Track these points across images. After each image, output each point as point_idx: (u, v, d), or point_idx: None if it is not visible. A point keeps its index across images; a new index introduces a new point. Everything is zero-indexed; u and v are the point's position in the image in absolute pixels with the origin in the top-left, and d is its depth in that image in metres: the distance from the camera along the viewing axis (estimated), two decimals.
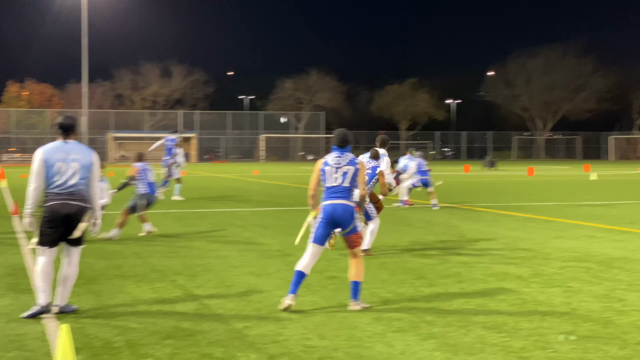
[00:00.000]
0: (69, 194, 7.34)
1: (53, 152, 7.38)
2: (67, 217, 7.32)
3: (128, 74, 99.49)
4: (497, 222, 16.09)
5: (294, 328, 6.81)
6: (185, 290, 8.58)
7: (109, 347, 6.17)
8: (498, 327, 6.82)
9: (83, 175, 7.42)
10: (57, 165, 7.32)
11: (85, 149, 7.56)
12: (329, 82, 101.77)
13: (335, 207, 7.65)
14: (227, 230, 14.46)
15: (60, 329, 5.00)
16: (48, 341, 6.36)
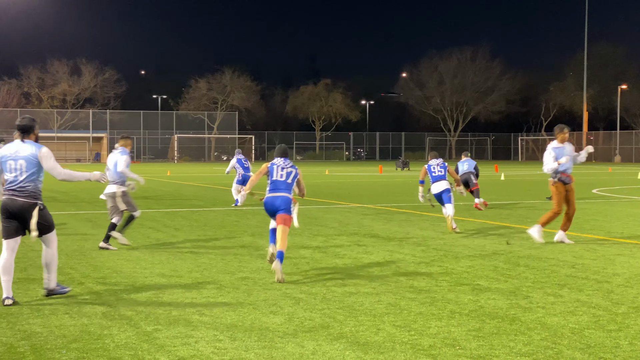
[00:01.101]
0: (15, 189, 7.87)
1: (6, 150, 7.98)
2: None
3: (36, 71, 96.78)
4: (409, 222, 16.33)
5: (205, 330, 6.74)
6: (93, 292, 8.40)
7: (12, 352, 5.98)
8: (408, 326, 6.91)
9: (30, 172, 7.87)
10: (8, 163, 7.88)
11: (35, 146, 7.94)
12: (244, 82, 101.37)
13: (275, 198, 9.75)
14: (138, 231, 14.23)
15: None
16: None
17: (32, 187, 7.90)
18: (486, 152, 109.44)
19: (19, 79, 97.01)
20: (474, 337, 6.53)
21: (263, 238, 13.34)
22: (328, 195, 25.47)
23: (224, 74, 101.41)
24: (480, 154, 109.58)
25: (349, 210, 19.54)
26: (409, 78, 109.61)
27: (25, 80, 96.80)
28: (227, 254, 11.45)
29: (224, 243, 12.71)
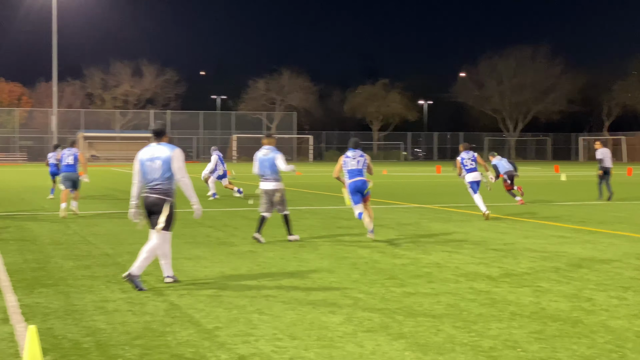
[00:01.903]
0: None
1: (144, 153, 8.86)
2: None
3: (99, 72, 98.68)
4: (468, 223, 16.18)
5: (265, 328, 6.79)
6: (155, 290, 8.53)
7: (77, 348, 6.11)
8: (468, 327, 6.86)
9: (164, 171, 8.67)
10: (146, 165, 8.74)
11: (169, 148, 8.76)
12: (302, 82, 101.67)
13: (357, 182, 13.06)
14: (198, 230, 14.40)
15: (28, 330, 4.95)
16: (16, 342, 6.29)
17: (167, 186, 8.72)
18: (546, 152, 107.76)
19: (83, 80, 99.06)
20: (535, 340, 6.44)
21: (321, 237, 13.37)
22: (386, 196, 25.39)
23: (282, 75, 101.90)
24: (541, 154, 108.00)
25: (407, 210, 19.46)
26: (468, 78, 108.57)
27: (88, 81, 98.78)
28: (285, 253, 11.51)
29: (283, 242, 12.78)
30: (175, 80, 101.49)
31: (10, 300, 7.93)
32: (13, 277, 9.26)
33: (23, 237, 13.32)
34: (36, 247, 12.05)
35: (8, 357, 5.85)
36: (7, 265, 10.23)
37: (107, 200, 22.65)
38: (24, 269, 9.91)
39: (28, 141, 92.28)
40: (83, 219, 16.60)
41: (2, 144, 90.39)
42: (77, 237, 13.35)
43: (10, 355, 5.90)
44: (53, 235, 13.60)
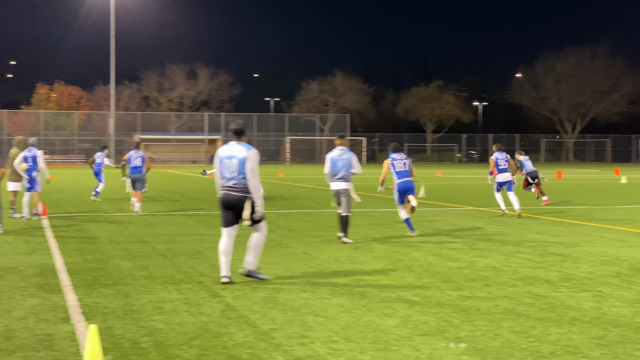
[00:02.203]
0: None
1: (223, 151, 9.20)
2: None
3: (154, 75, 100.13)
4: (525, 226, 15.96)
5: (320, 330, 6.79)
6: (211, 291, 8.59)
7: (136, 348, 6.19)
8: (527, 332, 6.76)
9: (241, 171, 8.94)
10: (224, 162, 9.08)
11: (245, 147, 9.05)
12: (355, 84, 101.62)
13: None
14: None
15: (89, 330, 5.03)
16: (77, 341, 6.40)
17: (243, 184, 8.95)
18: (606, 154, 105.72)
19: (139, 83, 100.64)
20: (596, 345, 6.32)
21: (376, 240, 13.33)
22: (440, 198, 25.22)
23: (335, 76, 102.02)
24: (600, 157, 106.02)
25: (462, 213, 19.29)
26: (524, 78, 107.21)
27: (145, 84, 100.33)
28: (340, 255, 11.50)
29: (337, 245, 12.76)
30: (229, 82, 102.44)
31: (71, 299, 8.07)
32: (73, 277, 9.43)
33: (83, 238, 13.57)
34: (95, 248, 12.26)
35: (69, 356, 5.95)
36: (68, 265, 10.43)
37: (163, 201, 22.94)
38: (84, 269, 10.08)
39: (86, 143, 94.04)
40: (140, 220, 16.84)
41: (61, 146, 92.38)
42: (135, 238, 13.54)
43: (72, 354, 6.00)
44: (111, 236, 13.82)
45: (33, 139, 17.72)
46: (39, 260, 10.84)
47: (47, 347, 6.18)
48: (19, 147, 17.76)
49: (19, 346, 6.21)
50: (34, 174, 17.12)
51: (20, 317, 7.24)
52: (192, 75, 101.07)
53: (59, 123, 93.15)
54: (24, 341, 6.36)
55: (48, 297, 8.22)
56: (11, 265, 10.37)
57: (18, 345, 6.25)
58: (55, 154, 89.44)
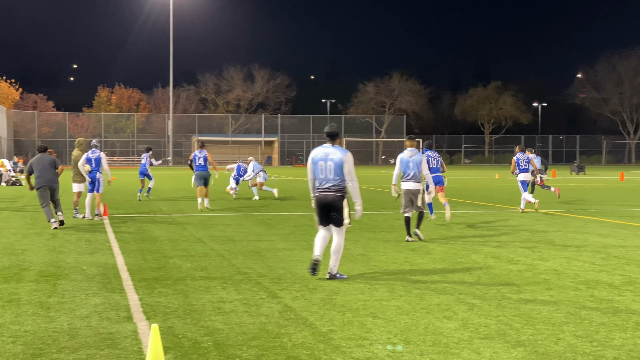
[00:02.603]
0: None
1: (317, 153, 9.55)
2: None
3: (212, 78, 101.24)
4: (587, 229, 15.68)
5: (379, 332, 6.76)
6: (269, 292, 8.64)
7: (197, 347, 6.25)
8: (590, 336, 6.63)
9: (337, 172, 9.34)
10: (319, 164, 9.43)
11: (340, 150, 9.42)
12: (411, 85, 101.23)
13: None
14: (310, 234, 14.51)
15: (151, 329, 5.09)
16: (139, 340, 6.49)
17: (342, 185, 9.37)
18: None
19: (197, 86, 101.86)
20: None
21: (434, 242, 13.24)
22: (499, 200, 24.93)
23: (391, 78, 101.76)
24: None
25: (522, 215, 19.02)
26: (585, 79, 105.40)
27: (202, 86, 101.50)
28: (398, 257, 11.45)
29: (394, 246, 12.72)
30: (286, 84, 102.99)
31: (132, 299, 8.20)
32: (134, 277, 9.58)
33: (143, 238, 13.78)
34: (155, 248, 12.43)
35: (132, 355, 6.04)
36: (129, 264, 10.60)
37: (220, 202, 23.16)
38: (145, 269, 10.23)
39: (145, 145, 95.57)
40: (198, 221, 17.03)
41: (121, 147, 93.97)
42: (194, 239, 13.69)
43: (134, 353, 6.09)
44: (171, 237, 14.00)
45: (96, 141, 18.09)
46: (101, 260, 11.04)
47: (110, 346, 6.29)
48: (80, 149, 18.13)
49: (82, 344, 6.33)
50: (97, 175, 17.47)
51: (84, 315, 7.38)
52: (249, 77, 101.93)
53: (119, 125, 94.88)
54: (88, 339, 6.48)
55: (110, 296, 8.37)
56: (74, 265, 10.58)
57: (82, 343, 6.37)
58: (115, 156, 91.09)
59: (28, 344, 6.33)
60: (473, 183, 39.58)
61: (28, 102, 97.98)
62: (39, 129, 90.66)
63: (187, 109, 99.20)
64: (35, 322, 7.11)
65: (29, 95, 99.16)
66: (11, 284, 9.15)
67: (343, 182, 9.39)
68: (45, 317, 7.30)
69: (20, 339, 6.51)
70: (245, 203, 23.02)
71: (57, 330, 6.80)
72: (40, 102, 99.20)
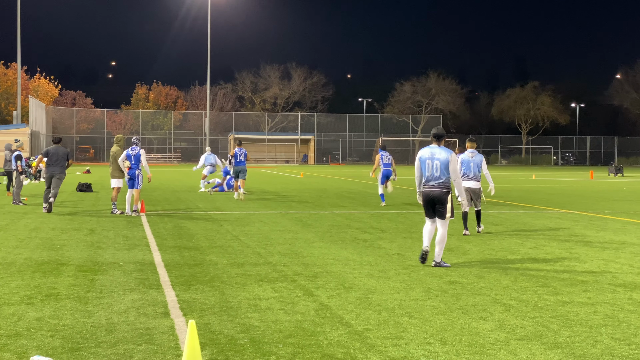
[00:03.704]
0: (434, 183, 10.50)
1: (424, 152, 10.59)
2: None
3: (249, 76, 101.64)
4: (625, 231, 15.49)
5: (415, 332, 6.76)
6: (305, 290, 8.67)
7: (233, 344, 6.30)
8: (628, 339, 6.56)
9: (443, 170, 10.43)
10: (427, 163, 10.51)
11: (445, 150, 10.45)
12: (448, 85, 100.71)
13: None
14: (346, 233, 14.53)
15: (189, 325, 5.15)
16: (176, 335, 6.56)
17: (447, 182, 10.42)
18: None
19: (234, 84, 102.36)
20: None
21: (470, 242, 13.18)
22: (536, 201, 24.72)
23: (428, 77, 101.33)
24: None
25: (559, 216, 18.85)
26: (624, 79, 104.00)
27: (239, 84, 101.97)
28: (433, 257, 11.40)
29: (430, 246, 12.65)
30: (322, 83, 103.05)
31: (169, 295, 8.28)
32: (171, 274, 9.68)
33: (179, 235, 13.90)
34: (192, 245, 12.54)
35: (169, 350, 6.11)
36: (166, 261, 10.71)
37: (257, 200, 23.26)
38: (182, 265, 10.33)
39: (182, 142, 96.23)
40: (235, 218, 17.13)
41: (158, 144, 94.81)
42: (230, 236, 13.78)
43: (171, 348, 6.16)
44: (207, 234, 14.11)
45: (136, 138, 18.29)
46: (138, 256, 11.17)
47: (147, 341, 6.36)
48: (119, 145, 18.35)
49: (120, 339, 6.41)
50: (136, 172, 17.67)
51: (122, 311, 7.48)
52: (285, 76, 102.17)
53: (157, 122, 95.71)
54: (125, 334, 6.57)
55: (148, 292, 8.46)
56: (112, 261, 10.71)
57: (119, 338, 6.45)
58: (153, 152, 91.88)
59: (66, 338, 6.42)
60: (510, 184, 39.27)
61: (67, 98, 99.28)
62: (78, 125, 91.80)
63: (224, 107, 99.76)
64: (74, 316, 7.22)
65: (67, 92, 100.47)
66: (50, 278, 9.29)
67: (448, 179, 10.42)
68: (83, 312, 7.41)
69: (59, 333, 6.61)
70: (282, 202, 23.09)
71: (95, 325, 6.90)
72: (79, 99, 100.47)
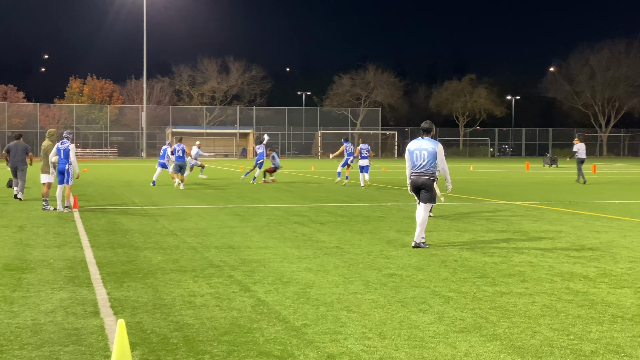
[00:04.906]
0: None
1: (413, 145, 11.64)
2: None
3: (187, 69, 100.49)
4: (561, 221, 15.66)
5: (354, 326, 6.62)
6: (242, 286, 8.47)
7: (165, 343, 6.07)
8: (566, 329, 6.53)
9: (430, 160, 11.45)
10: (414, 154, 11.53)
11: (433, 142, 11.47)
12: (387, 78, 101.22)
13: None
14: (284, 226, 14.35)
15: (118, 324, 4.91)
16: (106, 335, 6.29)
17: (432, 170, 11.41)
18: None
19: (171, 77, 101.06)
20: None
21: (409, 234, 13.13)
22: (473, 192, 24.92)
23: (367, 70, 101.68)
24: (634, 151, 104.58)
25: (497, 207, 18.99)
26: (558, 72, 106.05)
27: (177, 78, 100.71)
28: (372, 249, 11.32)
29: (369, 238, 12.59)
30: (261, 76, 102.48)
31: (100, 293, 7.99)
32: (103, 271, 9.36)
33: (113, 231, 13.53)
34: (126, 241, 12.21)
35: (97, 351, 5.85)
36: (98, 258, 10.37)
37: (194, 195, 22.92)
38: (114, 262, 10.02)
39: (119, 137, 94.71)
40: (171, 213, 16.81)
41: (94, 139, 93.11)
42: (166, 231, 13.48)
43: (100, 349, 5.90)
44: (142, 229, 13.77)
45: (68, 132, 17.70)
46: (69, 253, 10.80)
47: (75, 342, 6.08)
48: (51, 140, 17.81)
49: (46, 340, 6.12)
50: (66, 167, 17.14)
51: (49, 310, 7.16)
52: (224, 69, 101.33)
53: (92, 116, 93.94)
54: (52, 335, 6.27)
55: (77, 290, 8.15)
56: (41, 258, 10.33)
57: (45, 339, 6.16)
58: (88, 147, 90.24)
59: None
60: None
61: None
62: (9, 120, 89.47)
63: (161, 101, 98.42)
64: None
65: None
66: None
67: (433, 168, 11.40)
68: (8, 312, 7.07)
69: None
70: (220, 196, 22.79)
71: (20, 325, 6.59)
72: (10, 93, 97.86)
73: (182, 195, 22.66)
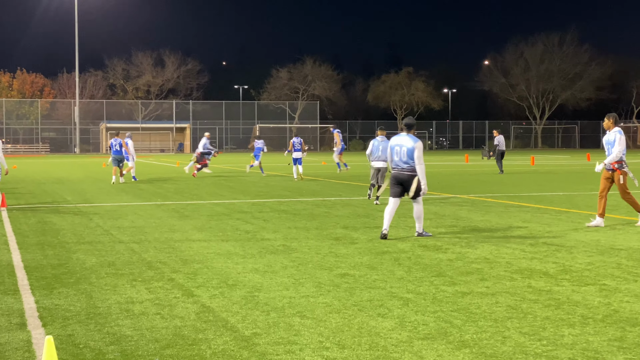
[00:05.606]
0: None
1: (394, 140, 11.78)
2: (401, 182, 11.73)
3: (121, 63, 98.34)
4: (509, 214, 15.36)
5: (309, 335, 6.06)
6: (184, 290, 7.83)
7: (101, 359, 5.42)
8: (537, 334, 6.09)
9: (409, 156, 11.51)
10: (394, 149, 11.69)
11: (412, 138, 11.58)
12: (325, 71, 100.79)
13: None
14: (226, 224, 13.71)
15: (46, 342, 4.26)
16: (33, 351, 5.61)
17: (412, 166, 11.47)
18: (573, 140, 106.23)
19: (105, 71, 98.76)
20: (618, 349, 5.66)
21: (357, 230, 12.64)
22: None
23: (304, 64, 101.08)
24: (568, 142, 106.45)
25: (443, 200, 18.65)
26: (493, 65, 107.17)
27: (110, 72, 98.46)
28: (321, 247, 10.78)
29: (316, 235, 12.05)
30: (197, 70, 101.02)
31: (28, 302, 7.26)
32: (32, 276, 8.61)
33: (44, 231, 12.71)
34: (57, 242, 11.41)
35: None
36: (26, 262, 9.59)
37: (130, 191, 22.05)
38: (44, 266, 9.26)
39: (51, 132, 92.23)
40: (106, 211, 15.99)
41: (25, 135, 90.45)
42: (100, 231, 12.71)
43: None
44: (75, 229, 12.97)
45: None
46: None
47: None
48: None
49: None
50: None
51: None
52: (159, 63, 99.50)
53: (22, 112, 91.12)
54: None
55: (2, 299, 7.40)
56: None
57: None
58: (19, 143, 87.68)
59: None
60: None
61: None
62: None
63: (95, 95, 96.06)
64: None
65: None
66: None
67: (413, 164, 11.41)
68: None
69: None
70: (157, 193, 21.97)
71: None
72: None
73: (117, 191, 21.78)
